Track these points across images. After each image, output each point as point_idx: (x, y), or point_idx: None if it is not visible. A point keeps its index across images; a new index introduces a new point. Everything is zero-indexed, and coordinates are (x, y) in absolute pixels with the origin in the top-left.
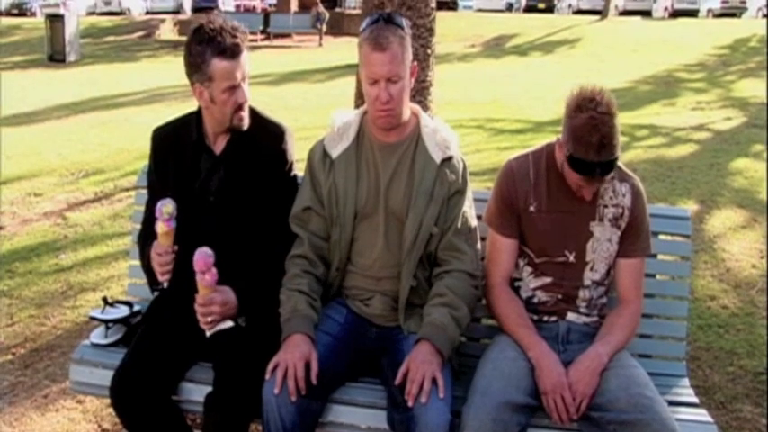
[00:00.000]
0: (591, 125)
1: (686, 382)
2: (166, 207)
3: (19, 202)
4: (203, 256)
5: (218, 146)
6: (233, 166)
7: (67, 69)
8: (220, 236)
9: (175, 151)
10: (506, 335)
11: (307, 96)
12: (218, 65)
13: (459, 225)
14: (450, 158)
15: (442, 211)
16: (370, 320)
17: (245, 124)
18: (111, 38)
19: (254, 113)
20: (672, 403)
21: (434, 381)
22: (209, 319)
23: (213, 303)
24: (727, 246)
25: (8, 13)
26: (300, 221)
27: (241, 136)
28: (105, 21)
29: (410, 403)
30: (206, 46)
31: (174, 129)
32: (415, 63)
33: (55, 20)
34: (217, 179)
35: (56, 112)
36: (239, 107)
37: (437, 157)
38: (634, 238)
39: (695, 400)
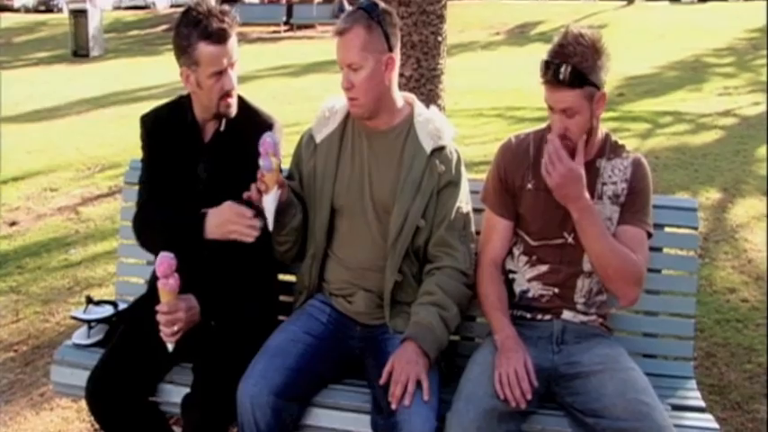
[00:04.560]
0: (562, 35)
1: (693, 384)
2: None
3: (35, 197)
4: (166, 260)
5: (207, 133)
6: (218, 156)
7: (91, 64)
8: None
9: (170, 135)
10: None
11: (328, 87)
12: (204, 49)
13: (452, 220)
14: (441, 148)
15: (431, 204)
16: (354, 319)
17: (233, 111)
18: (135, 32)
19: (244, 104)
20: (676, 407)
21: (419, 383)
22: (176, 328)
23: (179, 310)
24: (750, 236)
25: (36, 10)
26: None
27: (229, 125)
28: (130, 15)
29: (394, 405)
30: (192, 29)
31: (166, 113)
32: (393, 56)
33: (79, 15)
34: (203, 167)
35: (77, 106)
36: (226, 94)
37: (428, 146)
38: (634, 207)
39: (701, 404)
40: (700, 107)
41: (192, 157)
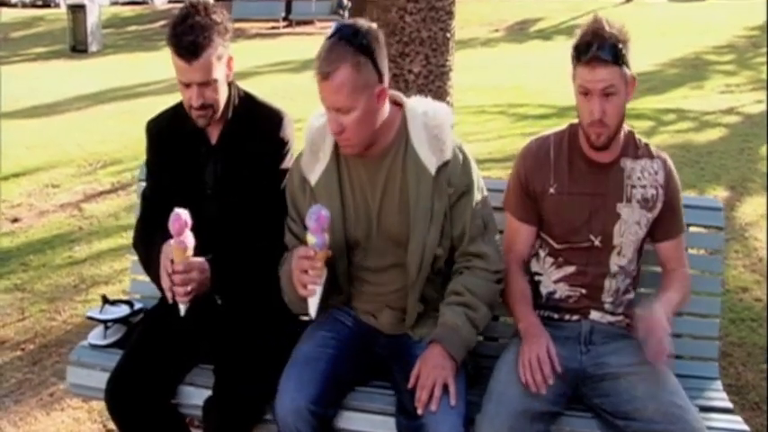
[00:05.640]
0: (591, 21)
1: (719, 384)
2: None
3: (37, 194)
4: (180, 218)
5: (213, 135)
6: (228, 157)
7: (89, 60)
8: (221, 226)
9: (173, 142)
10: None
11: None
12: (174, 58)
13: (472, 231)
14: (446, 164)
15: (446, 225)
16: (378, 330)
17: (202, 123)
18: (134, 27)
19: (251, 100)
20: (703, 409)
21: (446, 387)
22: (189, 288)
23: (193, 269)
24: (760, 234)
25: (33, 5)
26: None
27: (236, 124)
28: (128, 10)
29: (420, 411)
30: (170, 33)
31: (170, 119)
32: (384, 85)
33: (77, 10)
34: (212, 170)
35: (76, 102)
36: (191, 106)
37: (431, 165)
38: (673, 218)
39: (729, 405)
40: (702, 105)
41: (198, 161)
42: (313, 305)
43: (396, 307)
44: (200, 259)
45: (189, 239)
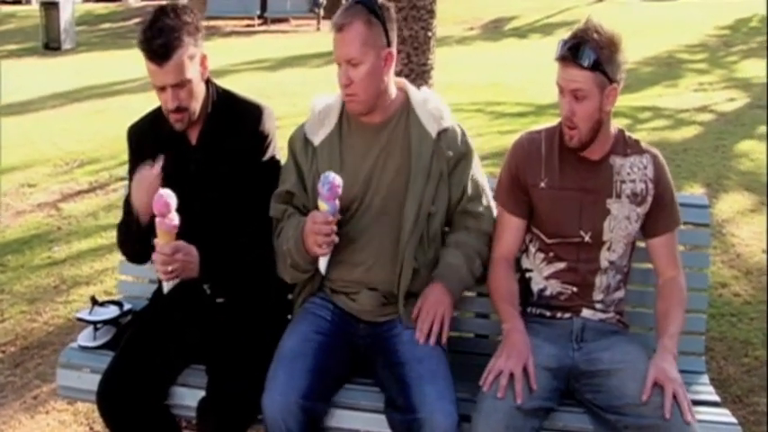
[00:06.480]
0: (583, 22)
1: (706, 378)
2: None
3: (12, 194)
4: (163, 198)
5: (193, 135)
6: (208, 155)
7: (63, 57)
8: (205, 225)
9: (154, 146)
10: None
11: (305, 81)
12: (146, 62)
13: (470, 192)
14: (446, 130)
15: (441, 187)
16: (357, 317)
17: (180, 127)
18: (107, 25)
19: (230, 97)
20: (692, 402)
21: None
22: (170, 268)
23: (178, 251)
24: (737, 230)
25: (3, 2)
26: (284, 200)
27: (215, 122)
28: (101, 8)
29: (421, 341)
30: (140, 36)
31: (150, 123)
32: (392, 51)
33: (50, 7)
34: (193, 170)
35: (51, 100)
36: (168, 110)
37: (432, 129)
38: (664, 212)
39: (716, 398)
40: (677, 103)
41: (179, 163)
42: (323, 263)
43: (376, 287)
44: (188, 245)
45: (174, 220)
